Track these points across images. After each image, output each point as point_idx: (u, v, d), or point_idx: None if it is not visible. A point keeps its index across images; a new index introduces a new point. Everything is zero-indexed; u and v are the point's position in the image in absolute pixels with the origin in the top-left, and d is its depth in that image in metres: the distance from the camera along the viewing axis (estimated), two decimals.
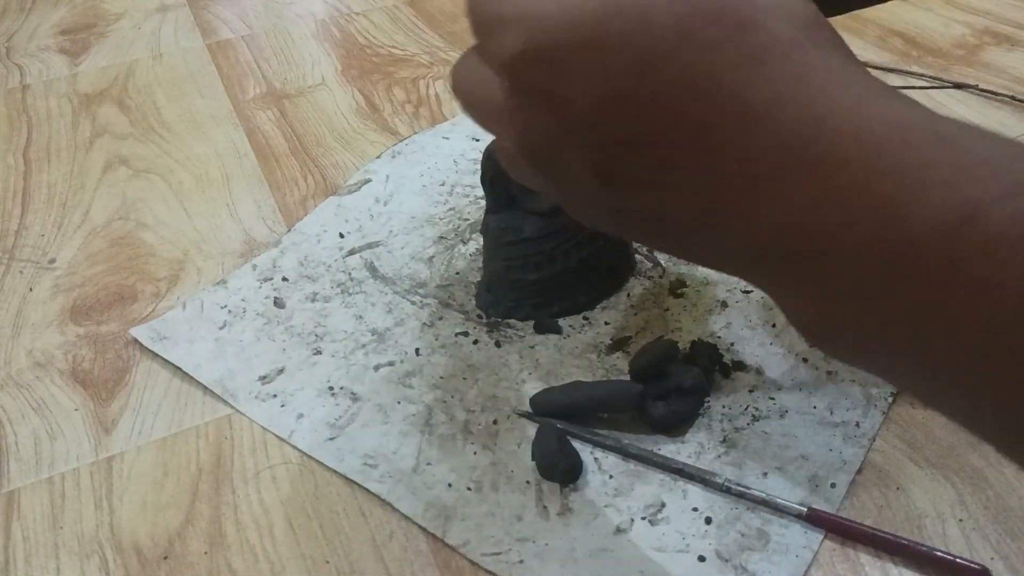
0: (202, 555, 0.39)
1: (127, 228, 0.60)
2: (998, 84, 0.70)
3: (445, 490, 0.41)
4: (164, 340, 0.50)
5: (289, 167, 0.65)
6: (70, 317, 0.53)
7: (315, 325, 0.50)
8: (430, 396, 0.45)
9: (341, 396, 0.46)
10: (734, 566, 0.37)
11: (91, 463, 0.43)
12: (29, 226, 0.61)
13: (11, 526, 0.41)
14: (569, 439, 0.42)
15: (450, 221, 0.58)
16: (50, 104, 0.76)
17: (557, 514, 0.39)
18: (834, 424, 0.42)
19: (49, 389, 0.48)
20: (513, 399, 0.45)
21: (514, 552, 0.38)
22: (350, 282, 0.53)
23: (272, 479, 0.42)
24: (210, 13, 0.93)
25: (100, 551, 0.39)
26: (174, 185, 0.64)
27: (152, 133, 0.71)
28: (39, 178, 0.66)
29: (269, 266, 0.55)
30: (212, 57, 0.83)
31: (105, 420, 0.46)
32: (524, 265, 0.48)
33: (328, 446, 0.43)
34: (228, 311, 0.52)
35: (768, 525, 0.38)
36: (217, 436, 0.44)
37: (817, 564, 0.37)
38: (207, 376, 0.47)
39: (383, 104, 0.73)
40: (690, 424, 0.43)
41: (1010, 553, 0.37)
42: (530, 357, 0.47)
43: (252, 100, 0.75)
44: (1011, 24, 0.81)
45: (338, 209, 0.60)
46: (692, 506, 0.39)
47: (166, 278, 0.55)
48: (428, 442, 0.43)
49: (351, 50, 0.83)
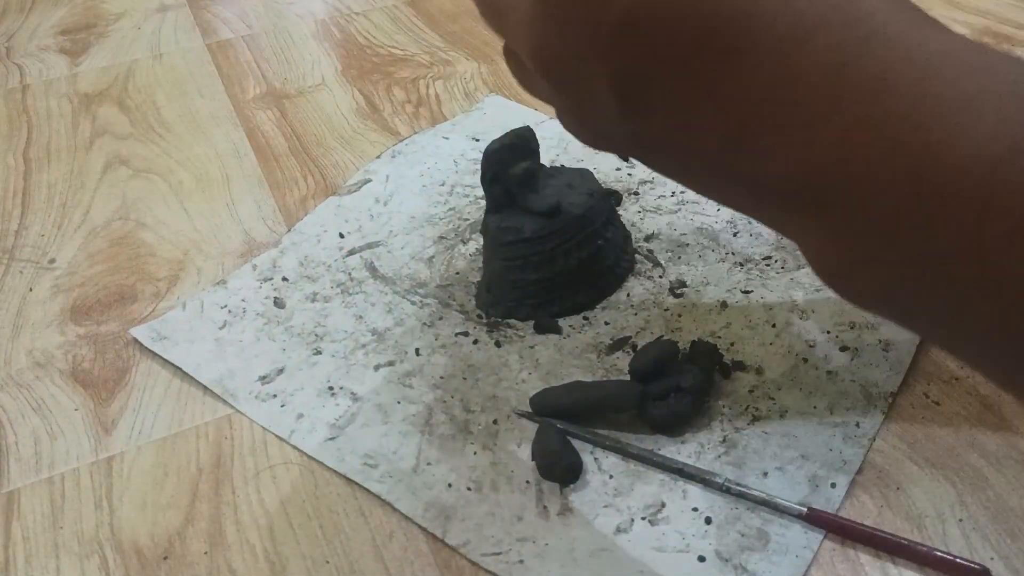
0: (202, 555, 0.39)
1: (127, 228, 0.60)
2: None
3: (445, 490, 0.41)
4: (164, 340, 0.50)
5: (289, 167, 0.65)
6: (70, 317, 0.53)
7: (315, 325, 0.50)
8: (430, 396, 0.45)
9: (341, 396, 0.46)
10: (734, 566, 0.37)
11: (91, 463, 0.44)
12: (29, 226, 0.61)
13: (11, 526, 0.41)
14: (569, 439, 0.42)
15: (450, 221, 0.58)
16: (50, 104, 0.76)
17: (557, 514, 0.39)
18: (834, 424, 0.42)
19: (49, 389, 0.48)
20: (513, 399, 0.45)
21: (514, 552, 0.38)
22: (350, 282, 0.53)
23: (272, 479, 0.42)
24: (210, 13, 0.93)
25: (100, 551, 0.39)
26: (174, 185, 0.64)
27: (152, 133, 0.71)
28: (39, 178, 0.66)
29: (269, 266, 0.55)
30: (212, 57, 0.83)
31: (105, 420, 0.46)
32: (524, 265, 0.48)
33: (328, 446, 0.43)
34: (228, 311, 0.52)
35: (768, 525, 0.38)
36: (217, 436, 0.44)
37: (817, 564, 0.37)
38: (207, 376, 0.47)
39: (383, 104, 0.73)
40: (690, 424, 0.43)
41: (1010, 553, 0.37)
42: (530, 357, 0.47)
43: (252, 100, 0.75)
44: (1011, 24, 0.81)
45: (338, 209, 0.60)
46: (692, 506, 0.39)
47: (166, 278, 0.55)
48: (428, 442, 0.43)
49: (351, 50, 0.83)
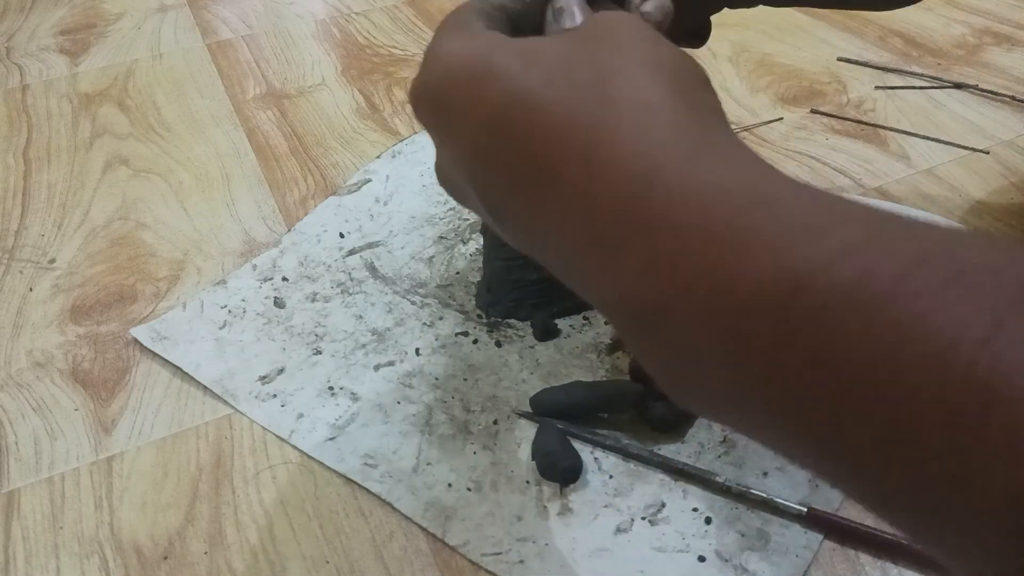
0: (202, 555, 0.39)
1: (127, 228, 0.60)
2: (998, 84, 0.70)
3: (445, 490, 0.41)
4: (164, 340, 0.50)
5: (289, 167, 0.65)
6: (70, 317, 0.53)
7: (315, 325, 0.50)
8: (430, 396, 0.45)
9: (341, 396, 0.46)
10: (734, 566, 0.37)
11: (91, 463, 0.44)
12: (29, 226, 0.61)
13: (11, 526, 0.41)
14: (569, 439, 0.42)
15: (450, 221, 0.58)
16: (50, 104, 0.76)
17: (557, 514, 0.39)
18: None
19: (49, 389, 0.48)
20: (513, 399, 0.45)
21: (514, 552, 0.38)
22: (350, 282, 0.53)
23: (272, 479, 0.42)
24: (210, 13, 0.93)
25: (100, 551, 0.39)
26: (174, 185, 0.64)
27: (152, 133, 0.71)
28: (39, 178, 0.66)
29: (269, 266, 0.55)
30: (212, 57, 0.83)
31: (105, 420, 0.46)
32: (524, 265, 0.48)
33: (328, 446, 0.43)
34: (228, 311, 0.52)
35: (768, 525, 0.38)
36: (217, 436, 0.44)
37: (817, 564, 0.37)
38: (207, 376, 0.47)
39: (383, 104, 0.73)
40: (690, 424, 0.43)
41: None
42: (530, 357, 0.47)
43: (252, 100, 0.75)
44: (1011, 24, 0.81)
45: (338, 209, 0.60)
46: (692, 506, 0.39)
47: (166, 278, 0.55)
48: (428, 442, 0.43)
49: (351, 50, 0.83)
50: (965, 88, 0.70)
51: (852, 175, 0.61)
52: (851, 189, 0.60)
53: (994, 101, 0.68)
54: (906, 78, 0.72)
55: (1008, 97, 0.68)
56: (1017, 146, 0.63)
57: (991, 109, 0.67)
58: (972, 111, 0.67)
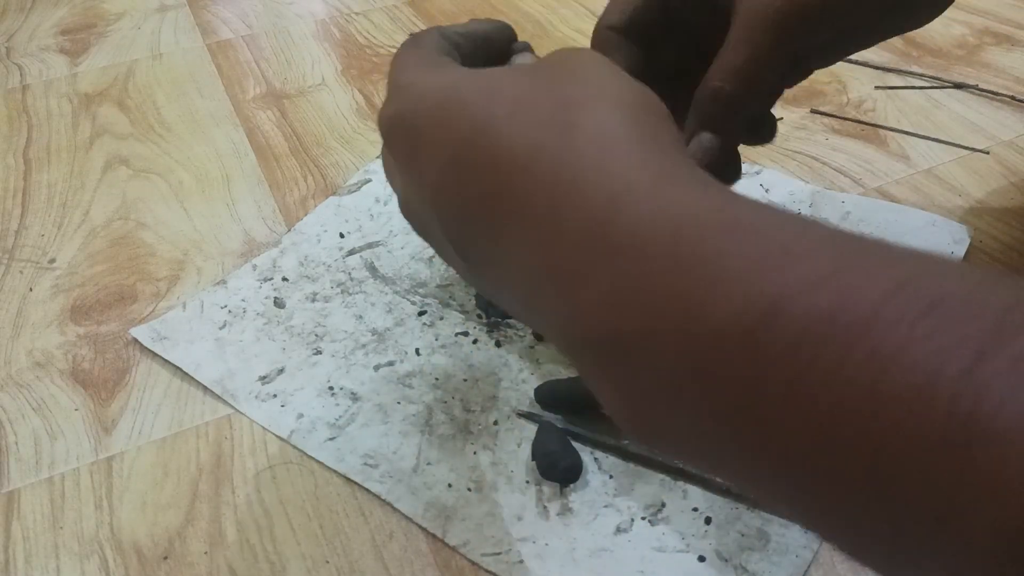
0: (202, 555, 0.39)
1: (127, 228, 0.60)
2: (998, 84, 0.70)
3: (445, 490, 0.41)
4: (164, 340, 0.50)
5: (289, 167, 0.65)
6: (70, 317, 0.53)
7: (315, 325, 0.50)
8: (430, 396, 0.45)
9: (341, 396, 0.46)
10: (734, 566, 0.37)
11: (91, 463, 0.44)
12: (29, 226, 0.61)
13: (11, 526, 0.41)
14: (569, 439, 0.42)
15: None
16: (50, 104, 0.76)
17: (557, 514, 0.39)
18: None
19: (49, 389, 0.48)
20: (513, 399, 0.45)
21: (514, 552, 0.38)
22: (350, 282, 0.53)
23: (272, 479, 0.42)
24: (210, 13, 0.93)
25: (100, 551, 0.39)
26: (174, 185, 0.64)
27: (152, 133, 0.71)
28: (39, 178, 0.66)
29: (269, 266, 0.55)
30: (212, 57, 0.83)
31: (105, 420, 0.46)
32: None
33: (328, 446, 0.43)
34: (228, 311, 0.52)
35: (768, 525, 0.38)
36: (217, 436, 0.44)
37: (817, 564, 0.37)
38: (207, 376, 0.47)
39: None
40: None
41: None
42: (530, 357, 0.47)
43: (252, 100, 0.75)
44: (1011, 24, 0.81)
45: (338, 209, 0.60)
46: (692, 506, 0.39)
47: (166, 278, 0.55)
48: (428, 442, 0.43)
49: (351, 50, 0.83)
50: (965, 88, 0.70)
51: (852, 175, 0.61)
52: (851, 189, 0.60)
53: (994, 101, 0.68)
54: (906, 78, 0.72)
55: (1008, 97, 0.68)
56: (1017, 146, 0.63)
57: (991, 109, 0.67)
58: (972, 111, 0.67)
